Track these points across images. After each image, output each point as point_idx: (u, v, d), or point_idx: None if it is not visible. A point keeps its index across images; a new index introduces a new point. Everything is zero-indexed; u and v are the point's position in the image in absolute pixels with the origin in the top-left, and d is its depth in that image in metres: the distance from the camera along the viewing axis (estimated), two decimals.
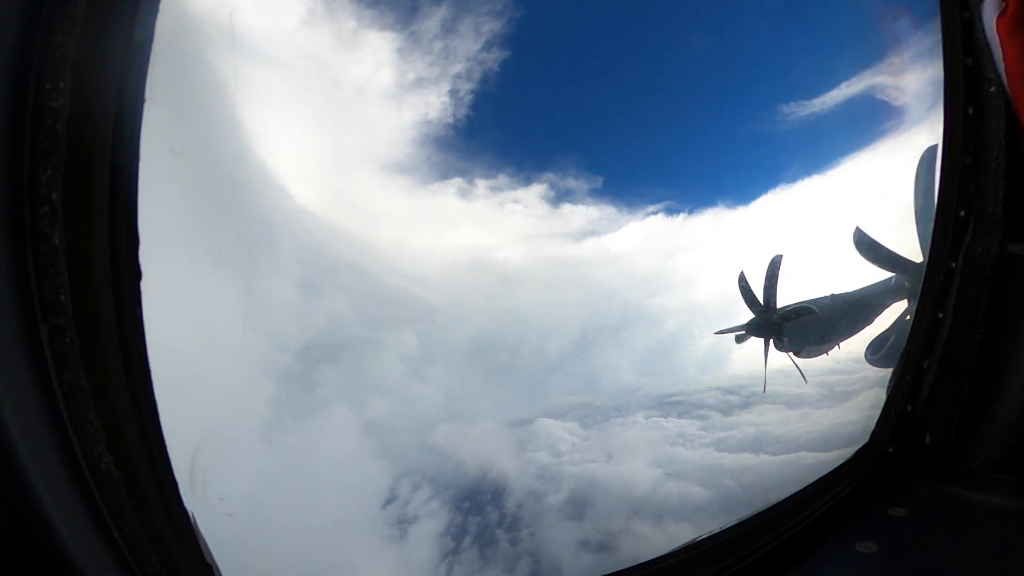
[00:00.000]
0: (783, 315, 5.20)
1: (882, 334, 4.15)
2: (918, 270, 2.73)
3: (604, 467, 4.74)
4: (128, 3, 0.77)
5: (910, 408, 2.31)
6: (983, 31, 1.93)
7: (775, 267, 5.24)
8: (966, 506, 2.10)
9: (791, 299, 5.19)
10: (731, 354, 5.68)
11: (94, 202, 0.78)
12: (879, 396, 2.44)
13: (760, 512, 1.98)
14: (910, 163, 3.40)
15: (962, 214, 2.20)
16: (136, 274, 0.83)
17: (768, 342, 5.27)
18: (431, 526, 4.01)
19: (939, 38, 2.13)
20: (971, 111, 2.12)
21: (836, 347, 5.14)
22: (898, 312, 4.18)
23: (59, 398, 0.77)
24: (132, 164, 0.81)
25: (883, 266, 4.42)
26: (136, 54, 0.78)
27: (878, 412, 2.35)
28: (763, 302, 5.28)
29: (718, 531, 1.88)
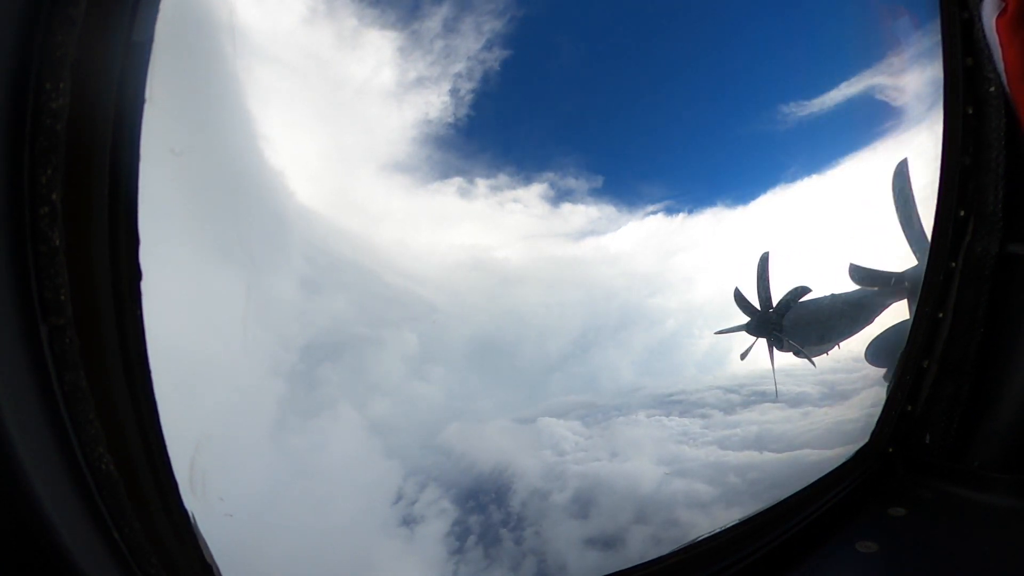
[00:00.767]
0: (780, 308, 5.22)
1: (882, 334, 4.15)
2: (914, 275, 2.74)
3: (609, 465, 4.74)
4: (128, 3, 0.77)
5: (910, 408, 2.31)
6: (983, 31, 1.93)
7: (764, 265, 5.27)
8: (966, 506, 2.10)
9: (786, 290, 5.22)
10: (730, 353, 5.69)
11: (94, 202, 0.78)
12: (879, 395, 2.45)
13: (760, 512, 1.98)
14: (910, 162, 3.41)
15: (962, 214, 2.20)
16: (136, 274, 0.83)
17: (771, 342, 5.28)
18: (434, 526, 4.01)
19: (939, 38, 2.13)
20: (971, 111, 2.12)
21: (836, 347, 5.15)
22: (898, 312, 4.19)
23: (59, 398, 0.77)
24: (132, 164, 0.81)
25: (884, 286, 4.42)
26: (136, 54, 0.78)
27: (879, 411, 2.35)
28: (759, 302, 5.30)
29: (718, 531, 1.88)
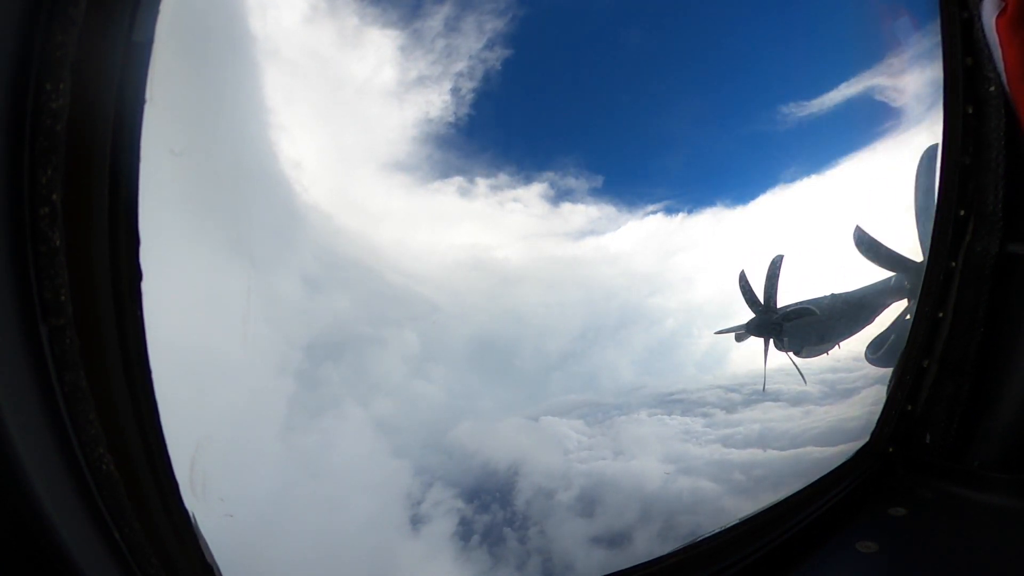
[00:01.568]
0: (783, 315, 5.21)
1: (882, 333, 4.15)
2: (918, 269, 2.74)
3: (613, 464, 4.75)
4: (128, 4, 0.77)
5: (910, 408, 2.31)
6: (982, 30, 1.93)
7: (776, 267, 5.26)
8: (966, 505, 2.10)
9: (791, 298, 5.20)
10: (730, 353, 5.69)
11: (94, 203, 0.78)
12: (880, 394, 2.45)
13: (760, 512, 1.98)
14: (910, 162, 3.40)
15: (962, 213, 2.20)
16: (136, 274, 0.83)
17: (768, 341, 5.28)
18: (438, 526, 4.01)
19: (938, 38, 2.13)
20: (971, 111, 2.12)
21: (836, 347, 5.15)
22: (898, 311, 4.19)
23: (59, 399, 0.77)
24: (132, 165, 0.81)
25: (883, 265, 4.42)
26: (136, 55, 0.78)
27: (879, 410, 2.35)
28: (763, 302, 5.29)
29: (718, 531, 1.88)
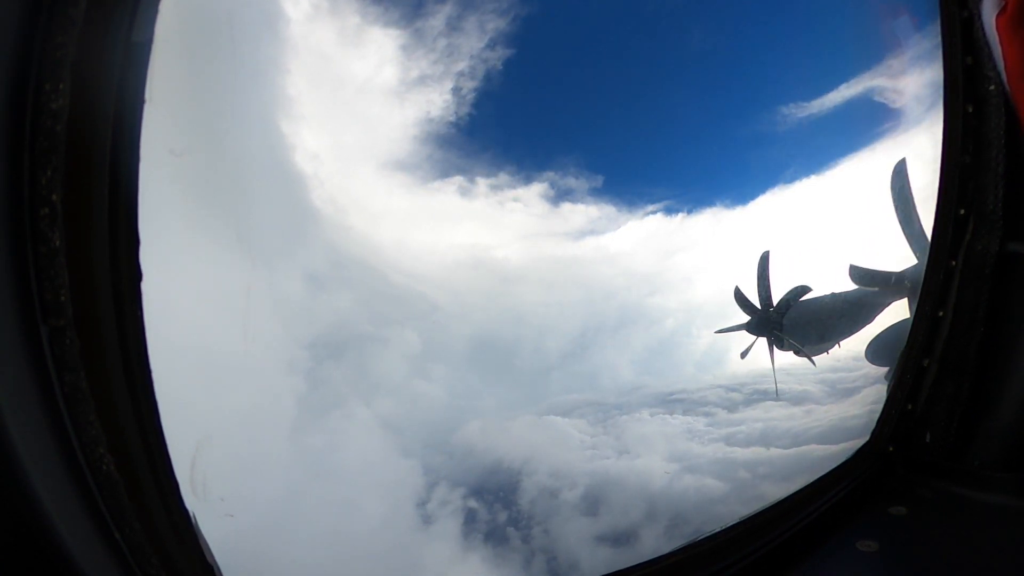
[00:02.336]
0: (780, 307, 5.22)
1: (882, 333, 4.15)
2: (913, 274, 2.74)
3: (618, 463, 4.75)
4: (128, 4, 0.77)
5: (910, 407, 2.31)
6: (982, 29, 1.93)
7: (764, 266, 5.27)
8: (966, 505, 2.10)
9: (786, 289, 5.22)
10: (729, 353, 5.70)
11: (94, 203, 0.78)
12: (880, 393, 2.44)
13: (760, 511, 1.97)
14: (910, 162, 3.41)
15: (962, 213, 2.20)
16: (136, 275, 0.83)
17: (771, 341, 5.28)
18: (438, 525, 4.01)
19: (938, 37, 2.13)
20: (971, 110, 2.11)
21: (836, 346, 5.15)
22: (898, 311, 4.19)
23: (59, 400, 0.77)
24: (132, 165, 0.80)
25: (884, 287, 4.42)
26: (136, 55, 0.78)
27: (880, 409, 2.35)
28: (759, 301, 5.29)
29: (718, 530, 1.88)
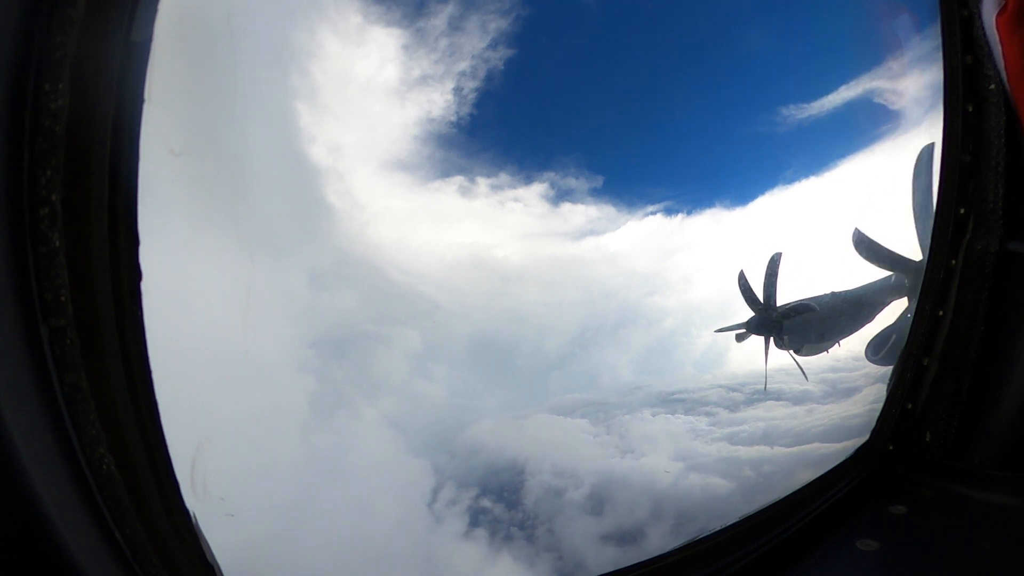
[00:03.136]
0: (783, 313, 5.22)
1: (882, 332, 4.15)
2: (918, 268, 2.73)
3: (622, 462, 4.76)
4: (127, 3, 0.77)
5: (910, 406, 2.31)
6: (982, 28, 1.93)
7: (774, 265, 5.26)
8: (967, 504, 2.10)
9: (791, 297, 5.21)
10: (729, 353, 5.71)
11: (94, 203, 0.78)
12: (881, 392, 2.45)
13: (760, 510, 1.98)
14: (909, 162, 3.40)
15: (962, 212, 2.20)
16: (136, 274, 0.83)
17: (768, 340, 5.28)
18: (442, 525, 4.01)
19: (938, 36, 2.13)
20: (971, 109, 2.11)
21: (836, 345, 5.15)
22: (898, 310, 4.18)
23: (60, 400, 0.77)
24: (132, 165, 0.80)
25: (883, 266, 4.42)
26: (135, 54, 0.78)
27: (880, 408, 2.35)
28: (763, 300, 5.29)
29: (719, 529, 1.88)
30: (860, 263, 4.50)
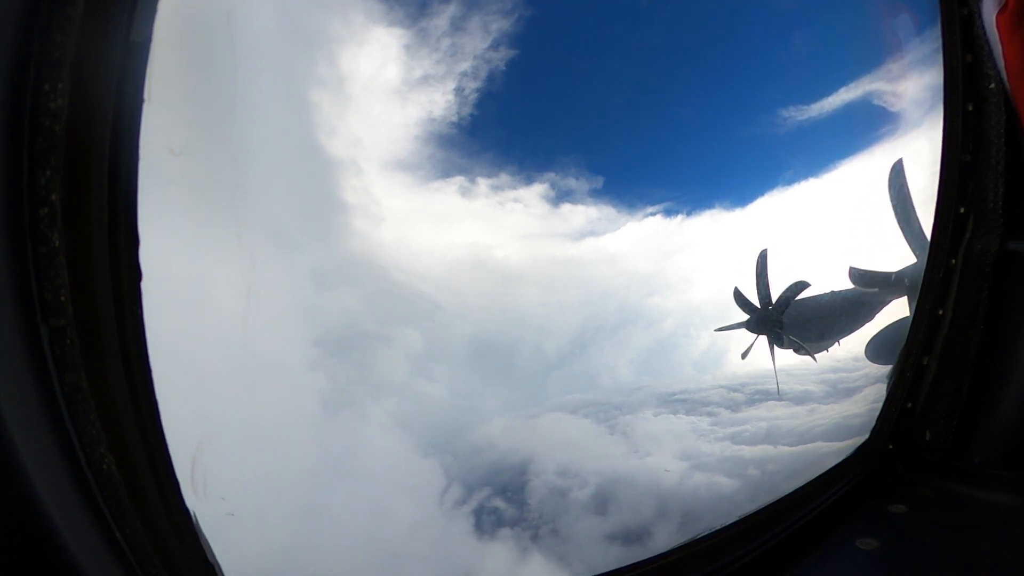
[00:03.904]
0: (779, 304, 5.24)
1: (882, 331, 4.15)
2: (914, 272, 2.74)
3: (626, 462, 4.77)
4: (126, 3, 0.77)
5: (910, 405, 2.31)
6: (982, 28, 1.93)
7: (763, 262, 5.30)
8: (966, 503, 2.10)
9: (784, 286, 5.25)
10: (728, 353, 5.71)
11: (93, 203, 0.78)
12: (881, 391, 2.45)
13: (760, 509, 1.98)
14: (909, 162, 3.41)
15: (962, 211, 2.20)
16: (136, 274, 0.83)
17: (771, 339, 5.30)
18: (445, 524, 4.01)
19: (938, 35, 2.13)
20: (971, 108, 2.11)
21: (836, 344, 5.16)
22: (898, 309, 4.18)
23: (60, 400, 0.77)
24: (131, 165, 0.80)
25: (884, 288, 4.42)
26: (135, 54, 0.78)
27: (880, 407, 2.35)
28: (759, 300, 5.31)
29: (718, 528, 1.88)
30: (860, 261, 4.51)
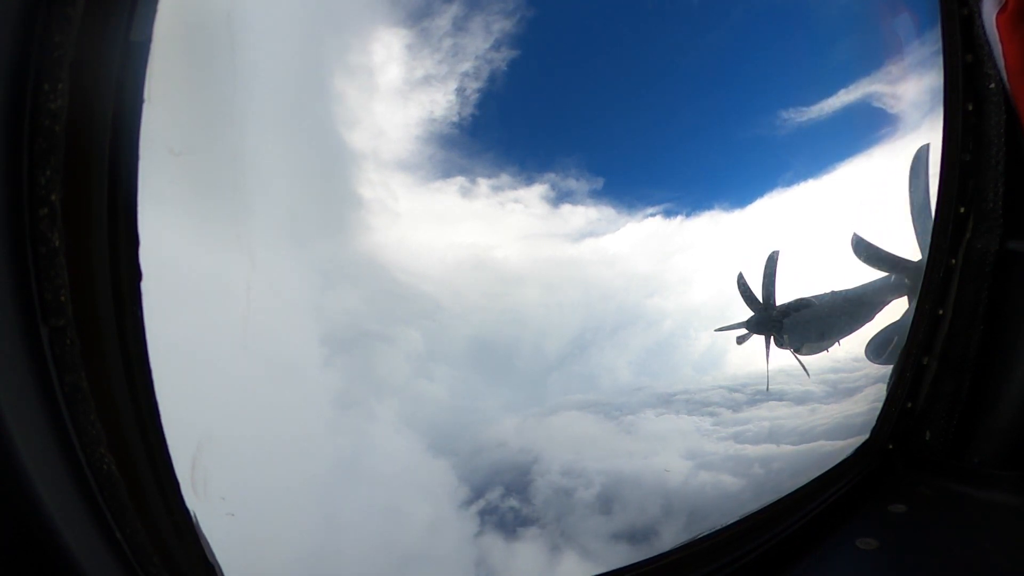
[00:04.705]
0: (782, 311, 5.23)
1: (882, 331, 4.15)
2: (917, 268, 2.73)
3: (631, 462, 4.78)
4: (126, 3, 0.77)
5: (910, 405, 2.31)
6: (982, 27, 1.93)
7: (772, 263, 5.28)
8: (966, 502, 2.10)
9: (791, 296, 5.23)
10: (728, 354, 5.72)
11: (93, 203, 0.78)
12: (881, 390, 2.45)
13: (760, 509, 1.98)
14: (909, 161, 3.41)
15: (962, 211, 2.20)
16: (136, 274, 0.83)
17: (769, 340, 5.29)
18: (447, 524, 4.01)
19: (938, 35, 2.13)
20: (971, 108, 2.11)
21: (836, 344, 5.16)
22: (898, 309, 4.18)
23: (60, 400, 0.77)
24: (131, 165, 0.80)
25: (882, 268, 4.42)
26: (135, 54, 0.78)
27: (880, 407, 2.35)
28: (762, 299, 5.30)
29: (719, 528, 1.88)
30: (860, 264, 4.51)
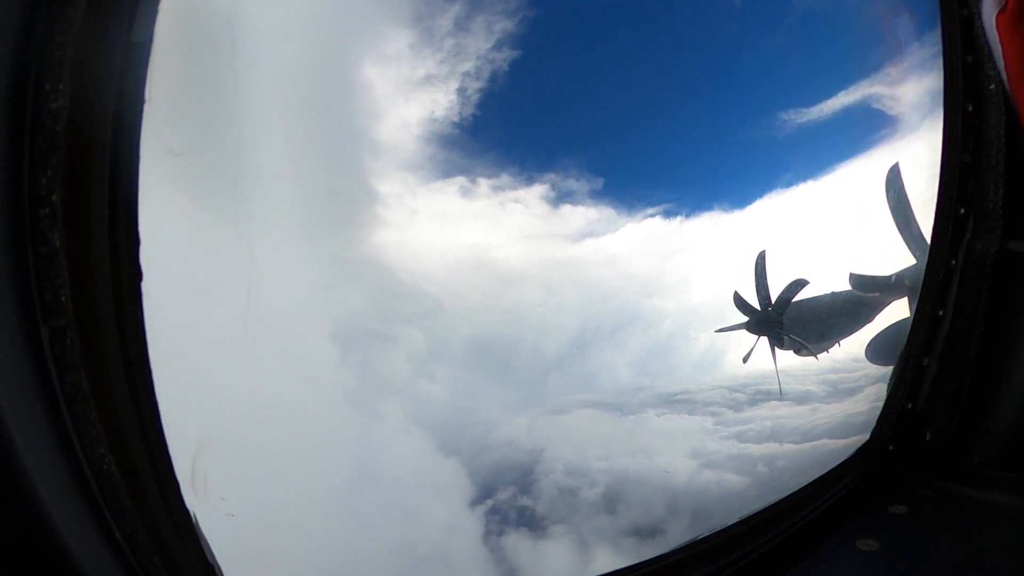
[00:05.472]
0: (779, 305, 5.25)
1: (882, 331, 4.15)
2: (914, 274, 2.74)
3: (635, 461, 4.78)
4: (127, 3, 0.77)
5: (910, 406, 2.31)
6: (982, 28, 1.93)
7: (761, 265, 5.31)
8: (967, 503, 2.10)
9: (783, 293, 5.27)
10: (727, 355, 5.72)
11: (94, 203, 0.78)
12: (881, 391, 2.45)
13: (760, 510, 1.98)
14: (908, 162, 3.41)
15: (962, 212, 2.20)
16: (136, 274, 0.83)
17: (772, 341, 5.30)
18: (449, 524, 4.01)
19: (938, 35, 2.13)
20: (970, 108, 2.11)
21: (836, 345, 5.16)
22: (898, 310, 4.18)
23: (60, 400, 0.77)
24: (132, 165, 0.81)
25: (884, 292, 4.41)
26: (136, 54, 0.78)
27: (880, 407, 2.35)
28: (759, 302, 5.32)
29: (719, 529, 1.88)
30: (860, 264, 4.51)
